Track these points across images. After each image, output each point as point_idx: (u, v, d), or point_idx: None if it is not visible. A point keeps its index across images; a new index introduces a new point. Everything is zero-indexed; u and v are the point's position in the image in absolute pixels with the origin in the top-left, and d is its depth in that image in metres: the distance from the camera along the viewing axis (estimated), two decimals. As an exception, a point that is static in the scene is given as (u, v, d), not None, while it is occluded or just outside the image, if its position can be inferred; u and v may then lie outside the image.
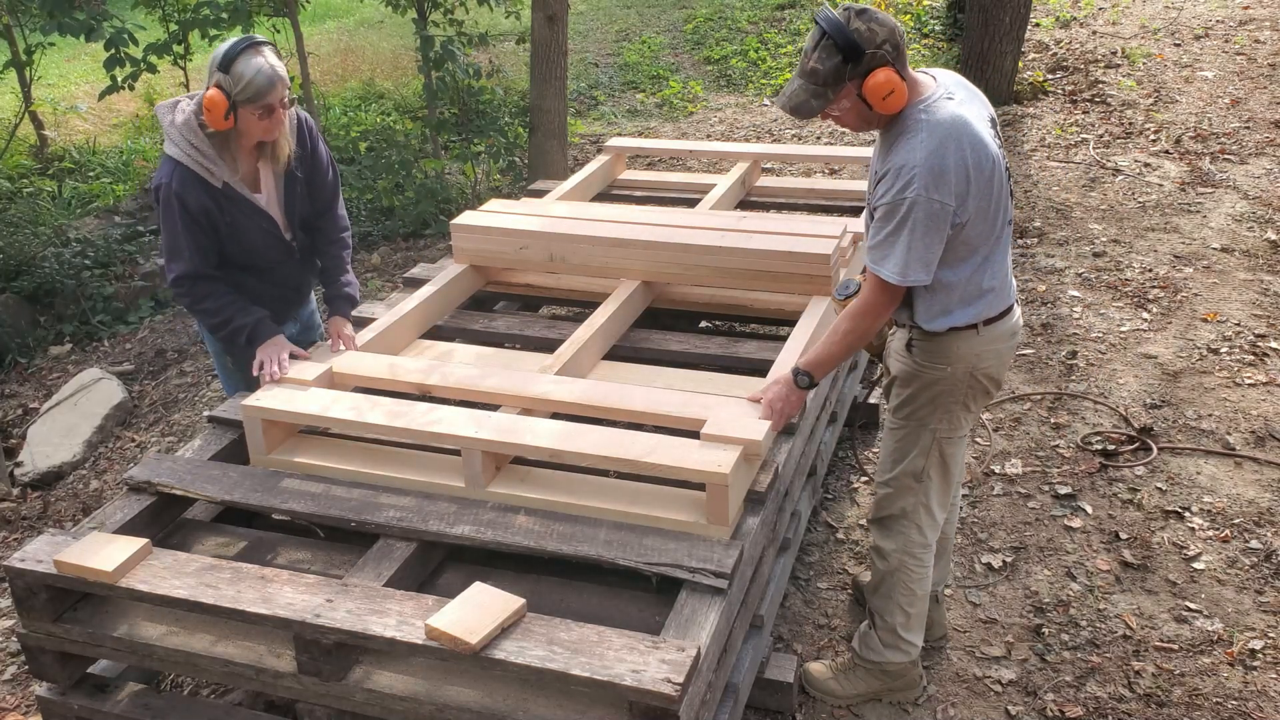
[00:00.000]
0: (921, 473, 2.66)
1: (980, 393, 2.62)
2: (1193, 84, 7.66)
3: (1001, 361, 2.61)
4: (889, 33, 2.30)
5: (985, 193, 2.37)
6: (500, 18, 7.88)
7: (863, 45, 2.27)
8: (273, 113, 2.85)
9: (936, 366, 2.56)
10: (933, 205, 2.30)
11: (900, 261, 2.35)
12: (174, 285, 3.01)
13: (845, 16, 2.29)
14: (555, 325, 3.40)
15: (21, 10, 7.09)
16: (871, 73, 2.29)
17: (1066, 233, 5.73)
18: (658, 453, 2.41)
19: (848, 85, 2.32)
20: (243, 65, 2.78)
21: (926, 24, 9.54)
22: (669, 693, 1.89)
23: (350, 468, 2.64)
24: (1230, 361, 4.44)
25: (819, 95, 2.33)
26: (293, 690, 2.22)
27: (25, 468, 4.71)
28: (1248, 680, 2.93)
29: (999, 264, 2.52)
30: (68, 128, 9.23)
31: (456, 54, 6.60)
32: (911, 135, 2.33)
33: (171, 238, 2.95)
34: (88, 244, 6.44)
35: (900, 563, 2.74)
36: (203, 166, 2.89)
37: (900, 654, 2.83)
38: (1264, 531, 3.47)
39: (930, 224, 2.32)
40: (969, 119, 2.36)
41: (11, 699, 3.18)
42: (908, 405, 2.64)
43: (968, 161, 2.32)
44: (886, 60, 2.29)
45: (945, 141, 2.31)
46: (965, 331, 2.51)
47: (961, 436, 2.68)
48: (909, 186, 2.30)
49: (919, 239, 2.32)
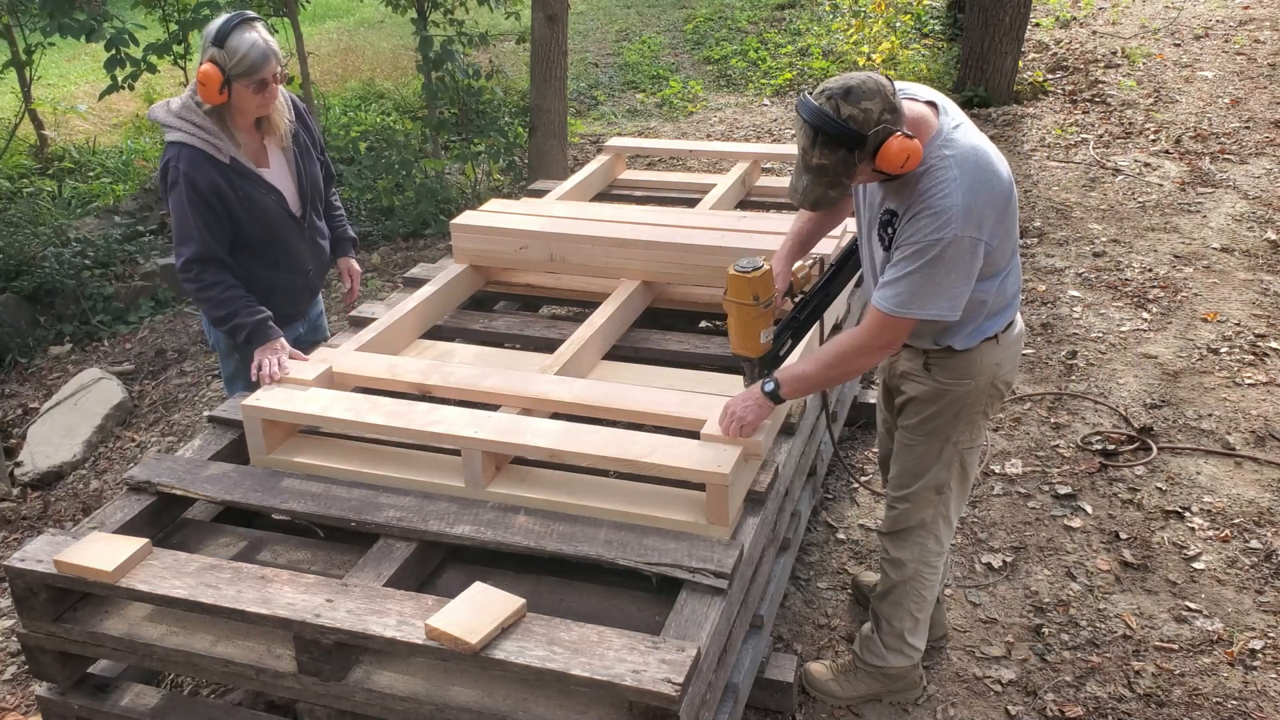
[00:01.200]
0: (944, 485, 2.63)
1: (997, 398, 2.61)
2: (1193, 84, 7.66)
3: (1015, 365, 2.60)
4: (882, 101, 2.18)
5: (1005, 214, 2.34)
6: (500, 18, 7.87)
7: (863, 131, 2.16)
8: (266, 87, 2.91)
9: (962, 382, 2.52)
10: (966, 243, 2.24)
11: (908, 295, 2.27)
12: (182, 270, 3.00)
13: (834, 107, 2.16)
14: (555, 325, 3.40)
15: (21, 10, 7.08)
16: (882, 147, 2.18)
17: (1066, 233, 5.73)
18: (657, 453, 2.41)
19: (860, 167, 2.22)
20: (236, 40, 2.83)
21: (926, 24, 9.53)
22: (669, 693, 1.89)
23: (350, 468, 2.64)
24: (1230, 361, 4.44)
25: (835, 186, 2.24)
26: (293, 690, 2.22)
27: (25, 468, 4.70)
28: (1248, 680, 2.93)
29: (1017, 272, 2.50)
30: (68, 128, 9.23)
31: (456, 54, 6.60)
32: (941, 172, 2.24)
33: (181, 220, 2.95)
34: (88, 244, 6.43)
35: (916, 571, 2.72)
36: (208, 143, 2.92)
37: (904, 658, 2.82)
38: (1264, 531, 3.47)
39: (961, 259, 2.26)
40: (982, 144, 2.32)
41: (11, 699, 3.18)
42: (930, 422, 2.59)
43: (995, 190, 2.28)
44: (890, 131, 2.18)
45: (976, 177, 2.25)
46: (988, 343, 2.49)
47: (979, 445, 2.66)
48: (946, 226, 2.21)
49: (944, 276, 2.26)
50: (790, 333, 2.64)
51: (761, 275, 2.45)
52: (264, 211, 3.05)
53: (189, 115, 2.92)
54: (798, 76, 9.08)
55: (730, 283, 2.46)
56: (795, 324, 2.64)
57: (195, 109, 2.92)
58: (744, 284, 2.44)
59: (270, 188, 3.07)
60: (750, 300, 2.45)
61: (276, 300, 3.16)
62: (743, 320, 2.49)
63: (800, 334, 2.67)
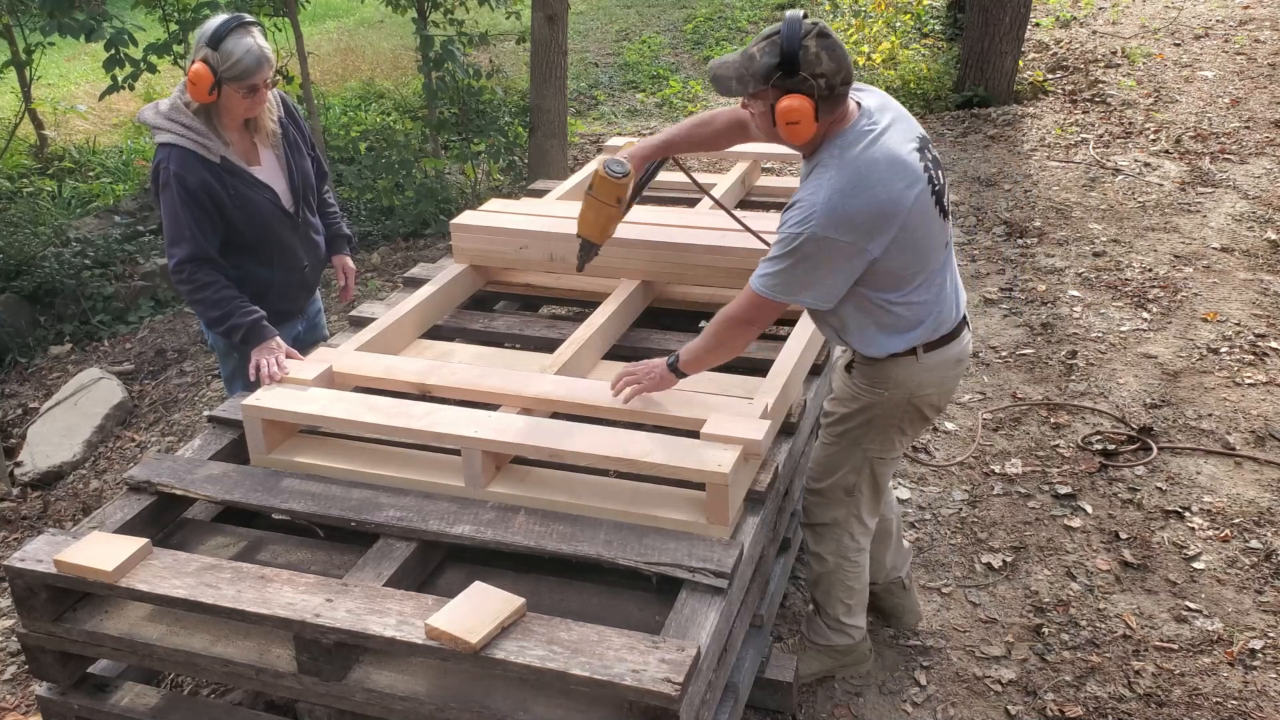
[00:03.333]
0: (853, 488, 2.69)
1: (918, 419, 2.61)
2: (1193, 84, 7.66)
3: (944, 389, 2.59)
4: (833, 71, 2.23)
5: (896, 229, 2.31)
6: (500, 18, 7.88)
7: (800, 64, 2.21)
8: (256, 91, 2.92)
9: (874, 391, 2.55)
10: (828, 244, 2.28)
11: (774, 282, 2.36)
12: (175, 272, 3.00)
13: (808, 29, 2.23)
14: (555, 325, 3.40)
15: (21, 10, 7.08)
16: (791, 94, 2.24)
17: (1066, 232, 5.73)
18: (658, 453, 2.41)
19: (768, 90, 2.27)
20: (232, 44, 2.83)
21: (927, 24, 9.53)
22: (669, 692, 1.89)
23: (350, 468, 2.64)
24: (1230, 361, 4.44)
25: (741, 80, 2.30)
26: (293, 690, 2.22)
27: (25, 467, 4.71)
28: (1248, 680, 2.93)
29: (936, 290, 2.48)
30: (68, 127, 9.23)
31: (456, 54, 6.60)
32: (823, 171, 2.31)
33: (173, 221, 2.95)
34: (88, 244, 6.43)
35: (837, 565, 2.80)
36: (197, 143, 2.92)
37: (846, 637, 2.92)
38: (1264, 531, 3.47)
39: (825, 260, 2.30)
40: (887, 153, 2.31)
41: (11, 699, 3.18)
42: (842, 424, 2.64)
43: (876, 201, 2.28)
44: (811, 93, 2.23)
45: (855, 184, 2.27)
46: (905, 358, 2.50)
47: (895, 458, 2.69)
48: (807, 223, 2.28)
49: (807, 272, 2.32)
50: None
51: (627, 179, 2.69)
52: (257, 209, 3.06)
53: (177, 116, 2.92)
54: (798, 76, 9.07)
55: (599, 184, 2.70)
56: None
57: (184, 109, 2.92)
58: (612, 187, 2.69)
59: (263, 185, 3.07)
60: (614, 202, 2.72)
61: (273, 298, 3.16)
62: (601, 215, 2.75)
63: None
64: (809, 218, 2.28)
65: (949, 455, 3.98)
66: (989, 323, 4.90)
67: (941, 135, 7.36)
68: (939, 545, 3.51)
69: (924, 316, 2.47)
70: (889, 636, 3.14)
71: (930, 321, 2.48)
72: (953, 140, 7.26)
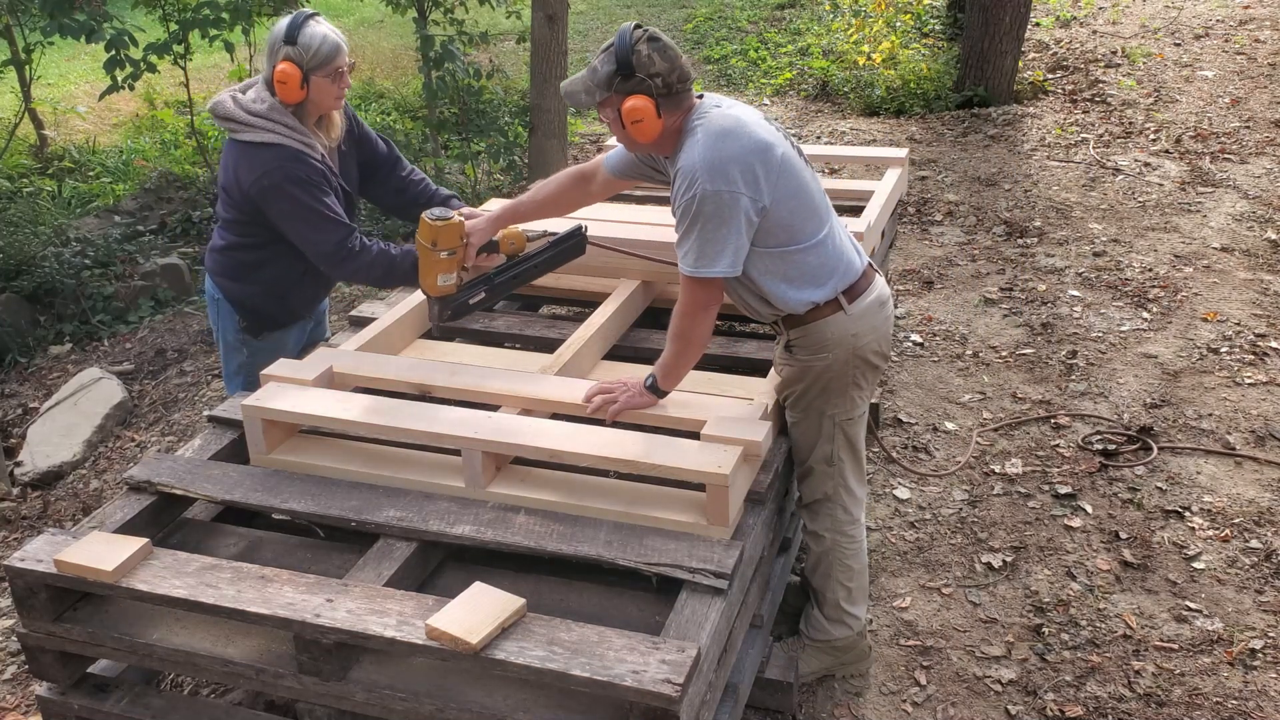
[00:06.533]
0: (832, 456, 2.73)
1: (869, 369, 2.68)
2: (1193, 83, 7.66)
3: (880, 334, 2.66)
4: (667, 69, 2.40)
5: (773, 170, 2.43)
6: (500, 18, 7.88)
7: (634, 67, 2.38)
8: (341, 76, 2.91)
9: (818, 356, 2.61)
10: (721, 197, 2.37)
11: (693, 255, 2.42)
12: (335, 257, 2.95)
13: (636, 36, 2.41)
14: (555, 325, 3.40)
15: (21, 10, 7.09)
16: (632, 95, 2.40)
17: (1066, 232, 5.73)
18: (658, 453, 2.41)
19: (612, 96, 2.43)
20: (308, 35, 2.84)
21: (927, 24, 9.54)
22: (669, 693, 1.89)
23: (350, 468, 2.64)
24: (1230, 361, 4.44)
25: (589, 92, 2.47)
26: (293, 690, 2.22)
27: (25, 467, 4.71)
28: (1248, 680, 2.93)
29: (835, 239, 2.59)
30: (68, 127, 9.23)
31: (456, 54, 6.60)
32: (686, 138, 2.45)
33: (307, 214, 2.90)
34: (88, 244, 6.44)
35: (834, 542, 2.83)
36: (302, 143, 2.90)
37: (845, 628, 2.91)
38: (1264, 531, 3.48)
39: (723, 214, 2.38)
40: (741, 116, 2.47)
41: (11, 699, 3.18)
42: (802, 399, 2.69)
43: (745, 145, 2.40)
44: (650, 91, 2.40)
45: (720, 136, 2.40)
46: (833, 316, 2.57)
47: (861, 415, 2.74)
48: (693, 185, 2.37)
49: (714, 231, 2.39)
50: (484, 287, 2.86)
51: (444, 226, 2.70)
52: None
53: (281, 116, 2.88)
54: (798, 76, 9.08)
55: (420, 226, 2.72)
56: (489, 281, 2.87)
57: (282, 109, 2.89)
58: (425, 229, 2.71)
59: (344, 191, 3.07)
60: (429, 245, 2.72)
61: (294, 298, 3.15)
62: (424, 261, 2.76)
63: (496, 292, 2.89)
64: (693, 180, 2.38)
65: (949, 455, 3.98)
66: (989, 322, 4.90)
67: (941, 135, 7.36)
68: (939, 545, 3.51)
69: (833, 263, 2.56)
70: (889, 636, 3.14)
71: (841, 268, 2.57)
72: (953, 140, 7.26)
